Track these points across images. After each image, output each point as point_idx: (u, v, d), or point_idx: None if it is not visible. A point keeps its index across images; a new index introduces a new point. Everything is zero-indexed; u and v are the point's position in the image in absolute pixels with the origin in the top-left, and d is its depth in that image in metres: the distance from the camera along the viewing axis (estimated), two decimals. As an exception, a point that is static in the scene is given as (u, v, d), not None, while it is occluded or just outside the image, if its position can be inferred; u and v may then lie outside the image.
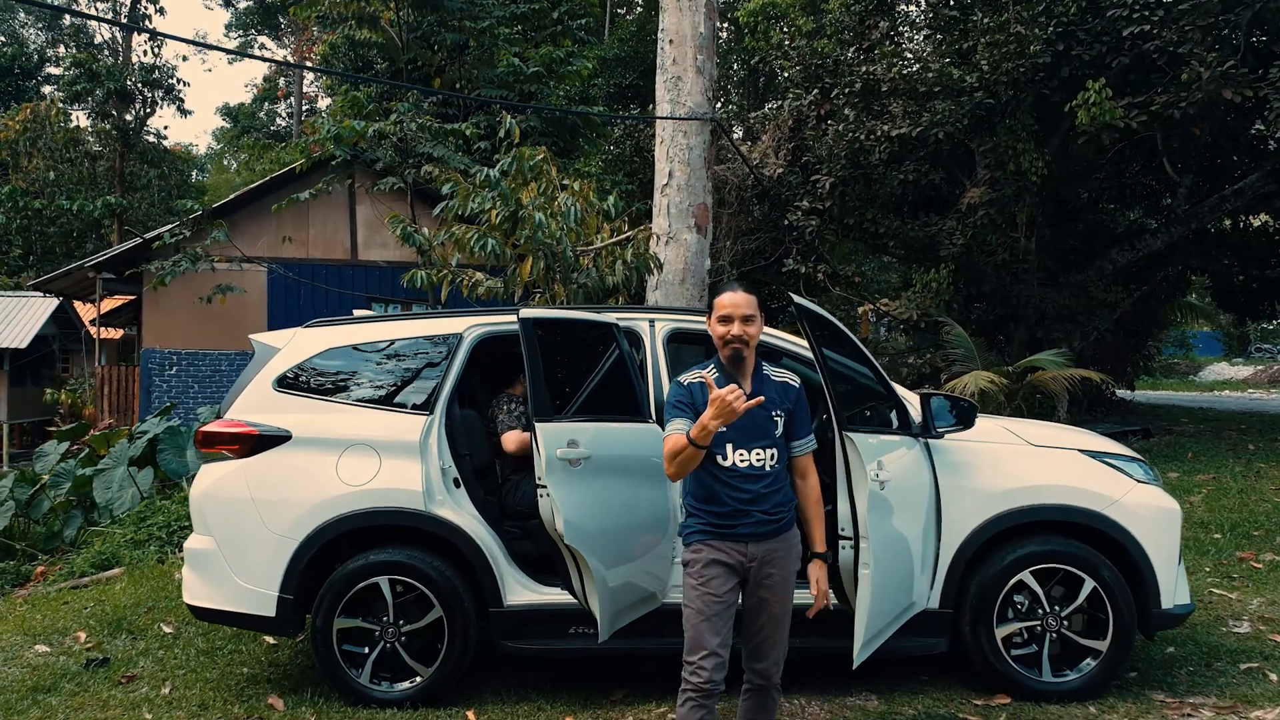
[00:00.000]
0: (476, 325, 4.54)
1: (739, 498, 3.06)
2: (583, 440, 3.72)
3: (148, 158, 35.65)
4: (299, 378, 4.48)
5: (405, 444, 4.32)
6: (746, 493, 3.06)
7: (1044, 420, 7.65)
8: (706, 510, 3.11)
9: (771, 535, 3.10)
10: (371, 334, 4.59)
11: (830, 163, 13.40)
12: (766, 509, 3.08)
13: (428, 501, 4.27)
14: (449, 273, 8.15)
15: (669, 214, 8.44)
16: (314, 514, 4.26)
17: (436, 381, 4.44)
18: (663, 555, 4.14)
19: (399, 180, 12.02)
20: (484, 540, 4.30)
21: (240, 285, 14.23)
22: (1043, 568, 4.24)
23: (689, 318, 4.61)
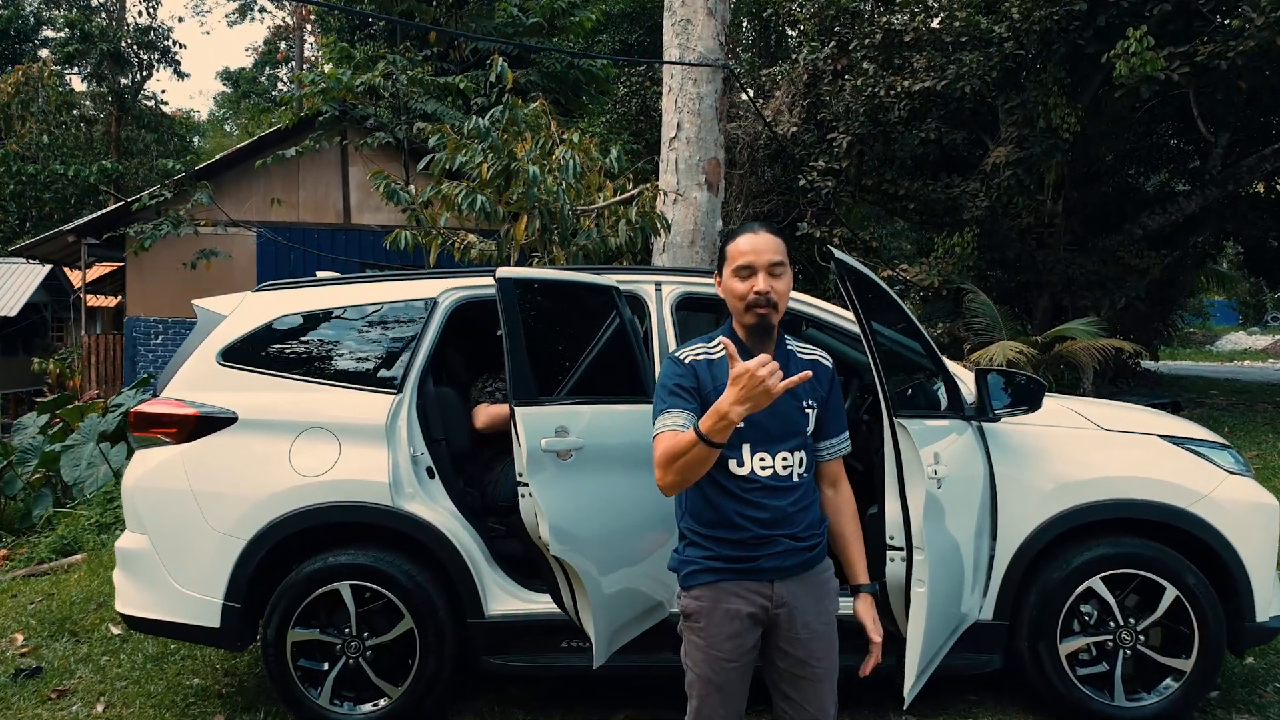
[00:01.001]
0: (454, 289, 3.90)
1: (760, 519, 2.25)
2: (574, 427, 3.09)
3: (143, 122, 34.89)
4: (247, 349, 3.84)
5: (369, 427, 3.70)
6: (770, 511, 2.25)
7: (1069, 395, 7.00)
8: (714, 538, 2.28)
9: (803, 569, 2.31)
10: (332, 299, 3.94)
11: (848, 120, 12.65)
12: (796, 533, 2.28)
13: (395, 495, 3.65)
14: (437, 234, 7.50)
15: (677, 170, 7.76)
16: (264, 509, 3.65)
17: (407, 354, 3.80)
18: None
19: (389, 136, 11.31)
20: (462, 540, 3.68)
21: (227, 250, 13.56)
22: (1116, 573, 3.62)
23: (702, 280, 3.96)
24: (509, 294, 3.06)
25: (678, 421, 2.20)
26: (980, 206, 12.37)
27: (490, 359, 4.38)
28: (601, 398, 3.30)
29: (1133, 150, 15.03)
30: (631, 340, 3.51)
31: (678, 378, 2.29)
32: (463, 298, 3.89)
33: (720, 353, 2.32)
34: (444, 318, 3.86)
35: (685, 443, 2.09)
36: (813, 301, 3.89)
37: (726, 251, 2.35)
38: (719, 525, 2.29)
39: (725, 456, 2.25)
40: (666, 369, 2.34)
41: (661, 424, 2.22)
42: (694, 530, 2.34)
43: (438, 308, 3.85)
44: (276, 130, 14.68)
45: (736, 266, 2.30)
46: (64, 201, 31.59)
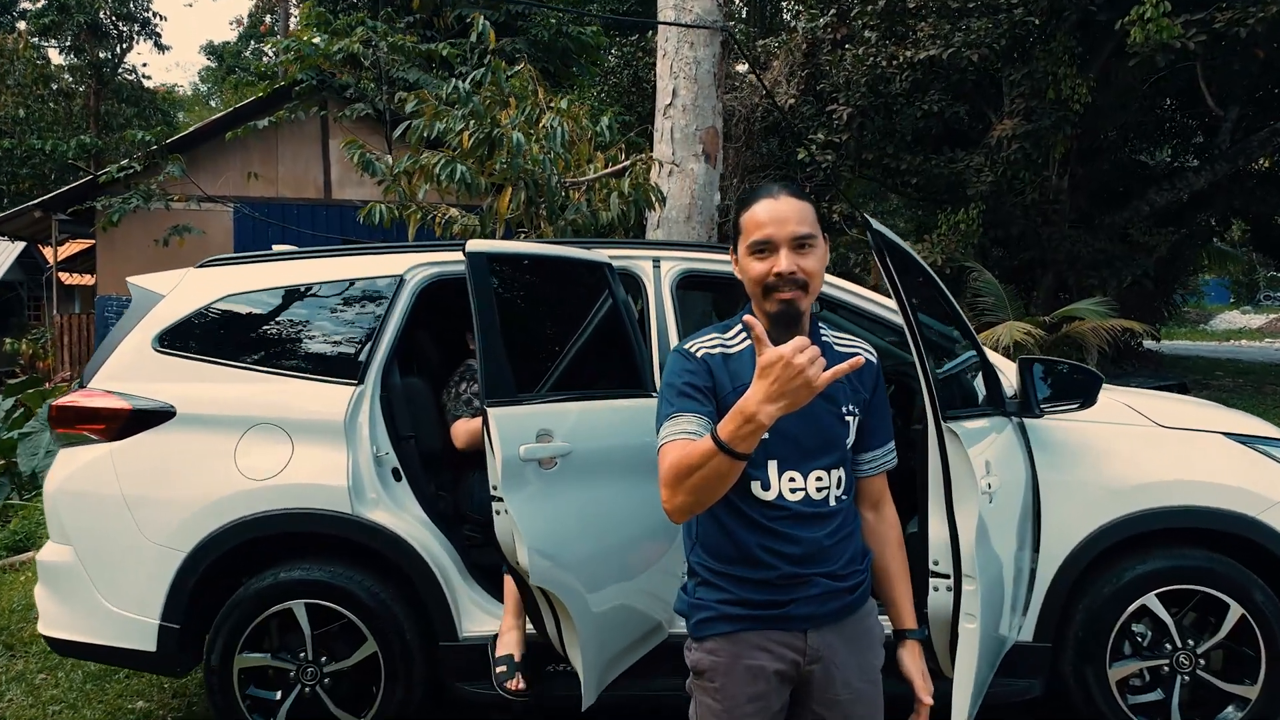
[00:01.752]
0: (423, 265, 3.43)
1: (790, 554, 1.81)
2: (559, 429, 2.64)
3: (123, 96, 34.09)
4: (188, 334, 3.37)
5: (325, 424, 3.24)
6: (802, 545, 1.81)
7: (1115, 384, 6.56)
8: (734, 577, 1.83)
9: (843, 614, 1.87)
10: (285, 276, 3.47)
11: (848, 91, 12.15)
12: (835, 570, 1.84)
13: (356, 501, 3.20)
14: (417, 208, 7.00)
15: (672, 139, 7.27)
16: (205, 517, 3.19)
17: (370, 340, 3.34)
18: (670, 571, 3.10)
19: (368, 107, 10.77)
20: (433, 552, 3.24)
21: (202, 226, 13.02)
22: (1173, 589, 3.19)
23: (706, 255, 3.50)
24: (481, 271, 2.59)
25: (689, 429, 1.73)
26: (985, 182, 11.91)
27: (468, 347, 3.92)
28: (592, 393, 2.86)
29: (1138, 125, 14.59)
30: (626, 325, 3.06)
31: (688, 375, 1.82)
32: (433, 275, 3.43)
33: (740, 345, 1.86)
34: (412, 298, 3.39)
35: (700, 454, 1.61)
36: (827, 279, 3.43)
37: (741, 223, 1.86)
38: (739, 562, 1.83)
39: (747, 477, 1.78)
40: (674, 365, 1.87)
41: (669, 432, 1.75)
42: (708, 567, 1.87)
43: (405, 287, 3.39)
44: (253, 101, 14.12)
45: (753, 242, 1.82)
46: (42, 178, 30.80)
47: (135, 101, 34.79)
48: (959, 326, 2.98)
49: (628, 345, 3.05)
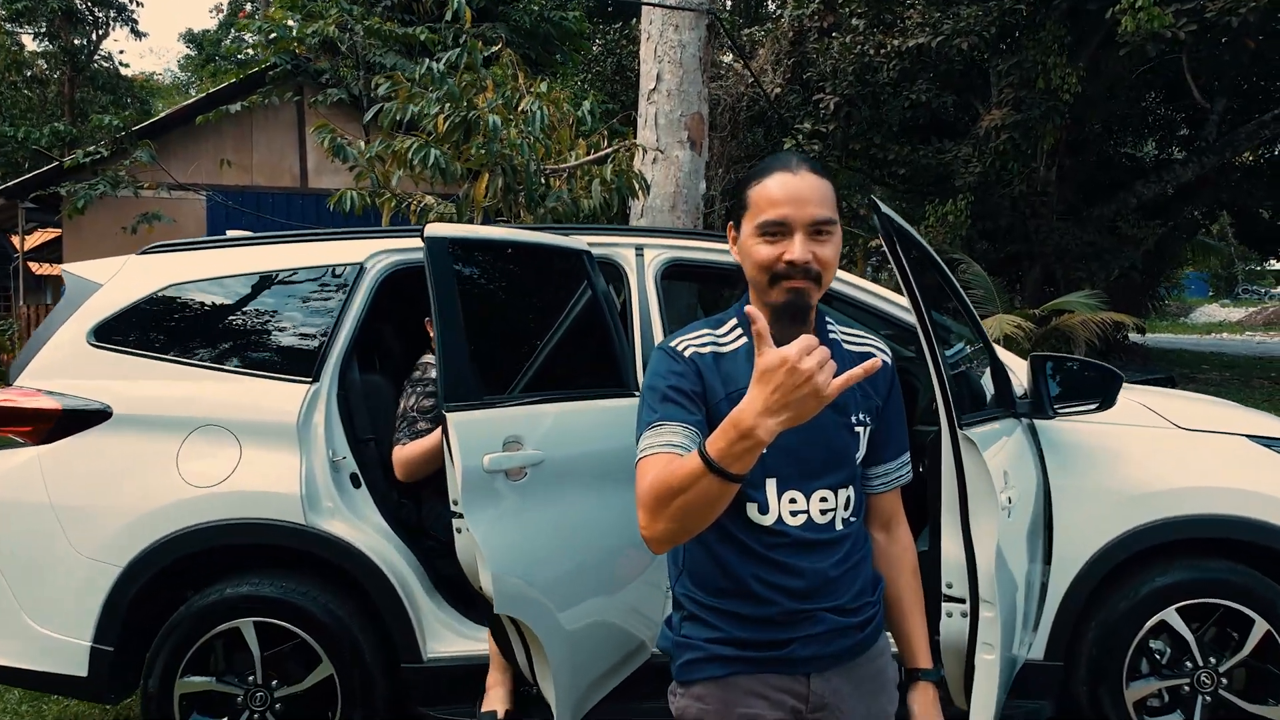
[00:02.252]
0: (386, 252, 3.15)
1: (792, 588, 1.55)
2: (531, 435, 2.38)
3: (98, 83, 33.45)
4: (127, 327, 3.08)
5: (276, 425, 2.96)
6: (805, 577, 1.55)
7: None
8: (726, 613, 1.57)
9: (852, 654, 1.61)
10: (234, 264, 3.18)
11: (835, 80, 11.91)
12: (843, 604, 1.58)
13: (310, 510, 2.92)
14: (391, 195, 6.70)
15: (657, 125, 7.02)
16: (143, 528, 2.91)
17: (327, 334, 3.06)
18: (655, 584, 2.85)
19: (343, 92, 10.44)
20: (394, 565, 2.97)
21: (174, 215, 12.67)
22: (1194, 603, 2.97)
23: (693, 243, 3.24)
24: (441, 259, 2.33)
25: (674, 441, 1.45)
26: (973, 173, 11.71)
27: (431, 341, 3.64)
28: (567, 394, 2.59)
29: (1123, 118, 14.43)
30: (606, 319, 2.80)
31: (674, 378, 1.55)
32: (397, 263, 3.15)
33: (734, 343, 1.60)
34: (373, 288, 3.11)
35: (686, 474, 1.34)
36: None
37: (749, 197, 1.58)
38: (733, 595, 1.56)
39: (742, 498, 1.52)
40: (657, 364, 1.60)
41: (650, 444, 1.47)
42: (696, 600, 1.59)
43: (365, 275, 3.11)
44: (226, 86, 13.73)
45: (763, 222, 1.53)
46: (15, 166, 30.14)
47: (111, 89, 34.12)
48: (968, 320, 2.74)
49: (607, 340, 2.79)
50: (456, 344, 2.28)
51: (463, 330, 2.31)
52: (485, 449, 2.26)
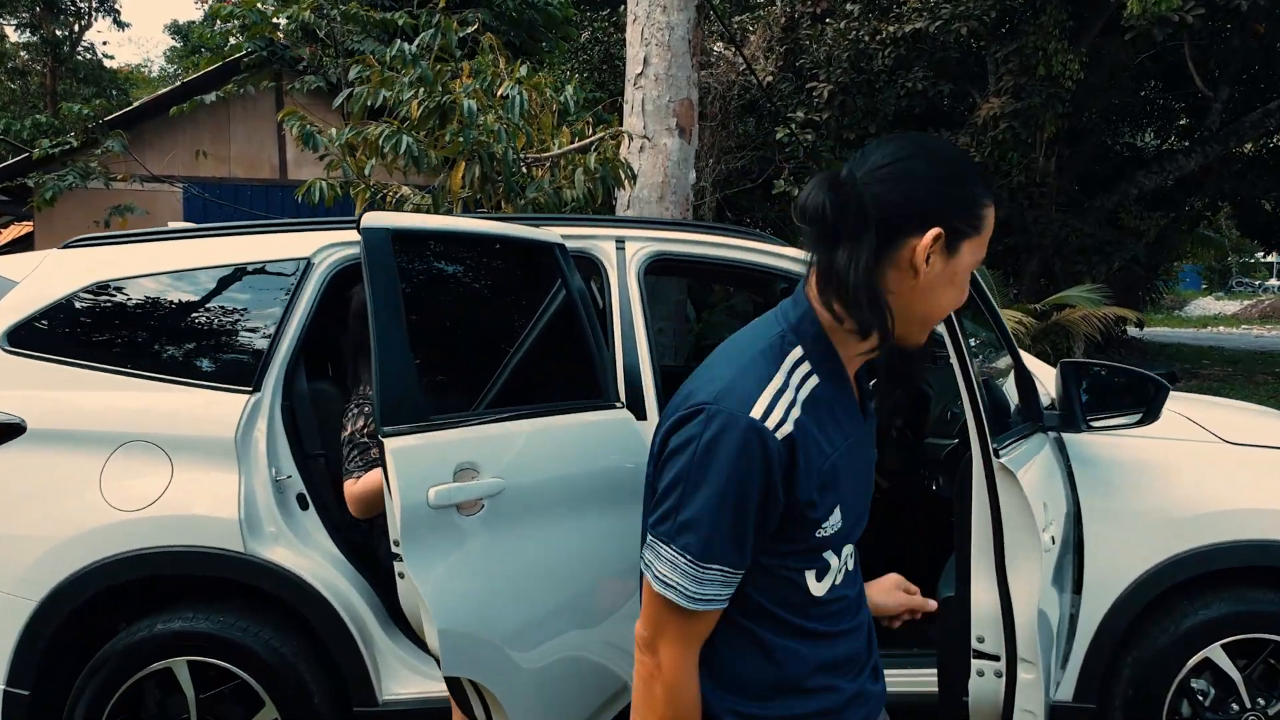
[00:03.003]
0: (336, 246, 2.81)
1: (855, 656, 1.26)
2: (488, 461, 2.04)
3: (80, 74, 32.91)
4: (45, 330, 2.74)
5: (213, 441, 2.63)
6: (858, 638, 1.27)
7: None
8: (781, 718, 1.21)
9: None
10: (169, 259, 2.83)
11: (829, 68, 11.58)
12: (877, 662, 1.31)
13: (250, 536, 2.59)
14: (365, 186, 6.35)
15: (644, 112, 6.68)
16: (62, 557, 2.57)
17: (270, 338, 2.72)
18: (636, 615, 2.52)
19: (320, 79, 10.07)
20: (346, 597, 2.64)
21: (149, 207, 12.23)
22: (1241, 639, 2.66)
23: (680, 235, 2.91)
24: (380, 254, 1.98)
25: (718, 597, 1.13)
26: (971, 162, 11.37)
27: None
28: (531, 409, 2.26)
29: (1121, 107, 14.14)
30: (583, 322, 2.47)
31: (760, 477, 1.10)
32: (350, 258, 2.81)
33: (809, 381, 1.16)
34: (322, 285, 2.78)
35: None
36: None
37: (984, 216, 1.18)
38: (791, 693, 1.21)
39: (802, 565, 1.18)
40: (736, 448, 1.10)
41: (696, 592, 1.11)
42: (739, 710, 1.20)
43: (313, 272, 2.77)
44: (201, 75, 13.33)
45: (972, 262, 1.16)
46: (-2, 159, 29.64)
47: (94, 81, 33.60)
48: (991, 322, 2.42)
49: (583, 346, 2.46)
50: (397, 356, 1.95)
51: (405, 340, 1.97)
52: (431, 479, 1.92)
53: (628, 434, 2.50)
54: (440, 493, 1.92)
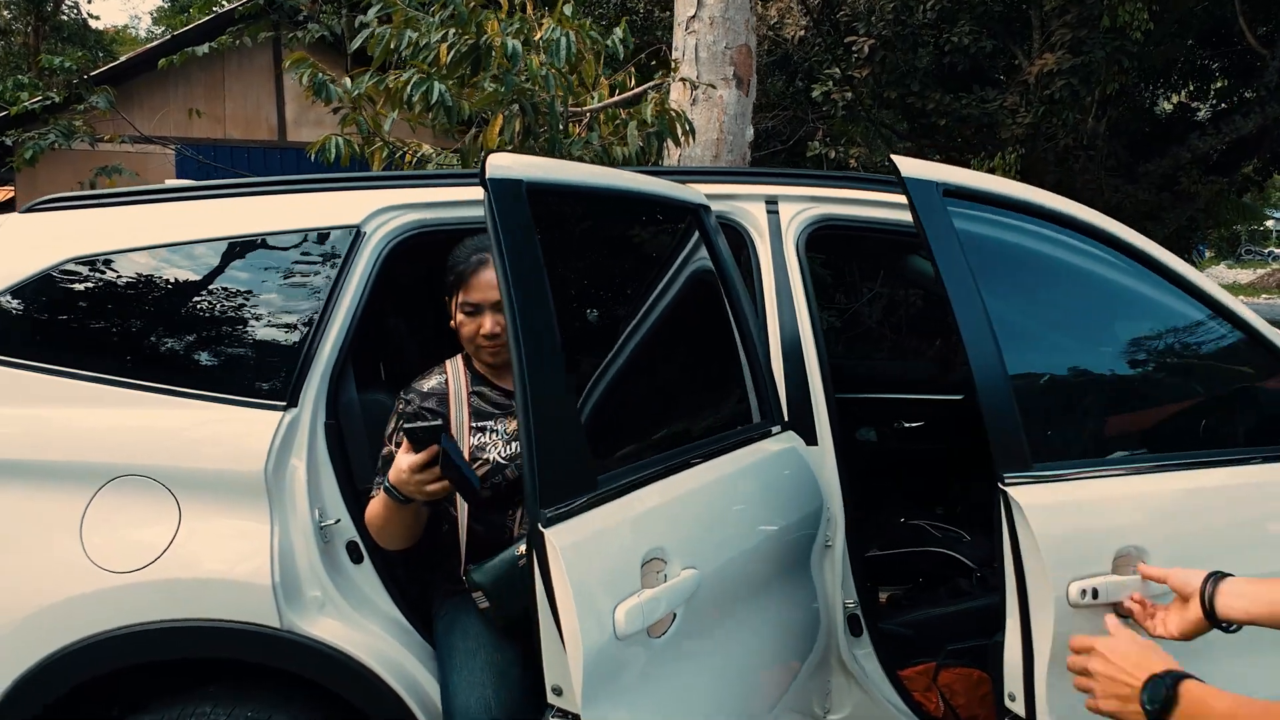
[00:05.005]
0: (393, 210, 2.10)
1: None
2: (675, 541, 1.35)
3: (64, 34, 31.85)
4: (4, 324, 2.03)
5: (233, 475, 1.93)
6: None
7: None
8: None
9: None
10: (169, 228, 2.11)
11: (870, 20, 10.77)
12: None
13: (287, 605, 1.90)
14: (382, 143, 5.61)
15: (697, 59, 5.94)
16: (28, 638, 1.89)
17: (308, 333, 2.02)
18: (823, 665, 1.87)
19: (323, 28, 9.25)
20: (412, 678, 1.96)
21: (137, 169, 11.42)
22: None
23: (852, 194, 2.19)
24: (517, 222, 1.28)
25: None
26: (1021, 124, 10.65)
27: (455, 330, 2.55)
28: (697, 447, 1.56)
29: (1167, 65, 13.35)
30: (744, 320, 1.77)
31: None
32: (409, 226, 2.10)
33: None
34: (376, 262, 2.06)
35: None
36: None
37: None
38: None
39: None
40: None
41: None
42: None
43: (364, 244, 2.06)
44: (194, 26, 12.48)
45: None
46: (-21, 120, 28.70)
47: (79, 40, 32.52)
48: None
49: (750, 354, 1.76)
50: (551, 382, 1.24)
51: (559, 354, 1.27)
52: (617, 590, 1.22)
53: (799, 468, 1.81)
54: (633, 611, 1.22)
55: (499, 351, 1.96)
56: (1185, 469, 1.87)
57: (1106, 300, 2.14)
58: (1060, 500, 1.67)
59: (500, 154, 1.38)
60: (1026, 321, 2.03)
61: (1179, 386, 2.14)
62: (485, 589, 1.84)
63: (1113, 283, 2.12)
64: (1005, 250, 2.01)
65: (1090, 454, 1.94)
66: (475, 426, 2.01)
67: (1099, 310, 2.13)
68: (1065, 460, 1.79)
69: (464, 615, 1.99)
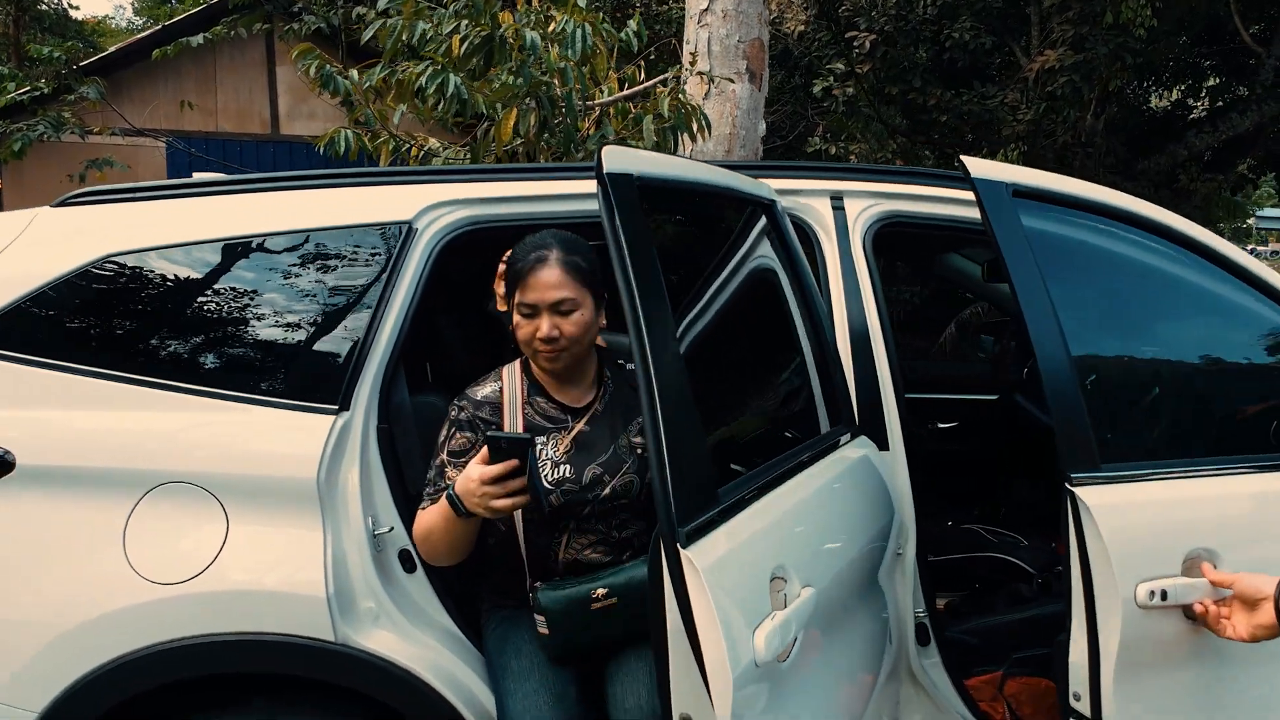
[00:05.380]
0: (447, 206, 2.02)
1: None
2: (792, 557, 1.28)
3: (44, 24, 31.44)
4: (38, 323, 1.94)
5: (285, 482, 1.85)
6: None
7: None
8: None
9: None
10: (211, 224, 2.03)
11: (871, 15, 10.71)
12: None
13: (341, 617, 1.82)
14: (389, 136, 5.51)
15: (709, 53, 5.86)
16: (72, 651, 1.80)
17: (360, 335, 1.93)
18: (894, 676, 1.81)
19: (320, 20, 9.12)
20: (468, 691, 1.88)
21: (128, 161, 11.28)
22: None
23: (920, 189, 2.12)
24: (632, 217, 1.21)
25: None
26: (1022, 120, 10.63)
27: (490, 346, 2.47)
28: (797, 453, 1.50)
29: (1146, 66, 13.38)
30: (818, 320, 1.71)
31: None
32: (462, 222, 2.02)
33: None
34: (428, 260, 1.98)
35: None
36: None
37: None
38: None
39: None
40: None
41: None
42: None
43: (416, 240, 1.98)
44: (186, 17, 12.31)
45: None
46: (-39, 112, 28.28)
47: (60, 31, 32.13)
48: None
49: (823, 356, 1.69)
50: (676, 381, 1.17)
51: (678, 350, 1.20)
52: (753, 614, 1.15)
53: (877, 476, 1.75)
54: (770, 636, 1.14)
55: (557, 356, 1.86)
56: (1257, 472, 1.83)
57: (1176, 299, 2.09)
58: (1129, 501, 1.64)
59: (613, 148, 1.31)
60: (1095, 320, 1.97)
61: (1250, 387, 2.09)
62: (550, 616, 1.78)
63: (1183, 281, 2.07)
64: (1073, 249, 1.95)
65: (1159, 455, 1.89)
66: None
67: (1169, 309, 2.08)
68: (1134, 461, 1.75)
69: (514, 632, 1.91)
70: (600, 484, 1.86)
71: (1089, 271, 2.01)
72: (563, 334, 1.82)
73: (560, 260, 1.81)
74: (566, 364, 1.88)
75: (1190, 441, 1.99)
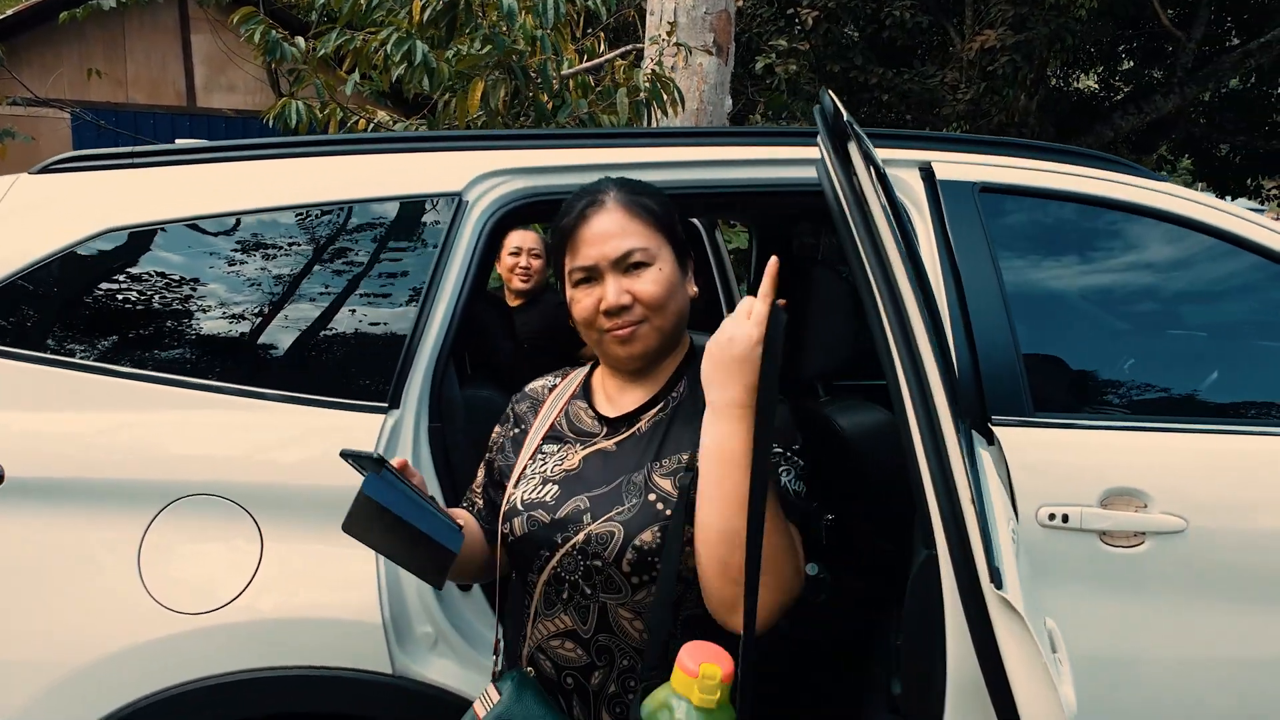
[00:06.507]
0: (497, 176, 1.78)
1: None
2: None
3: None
4: (24, 310, 1.64)
5: (327, 492, 1.60)
6: None
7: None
8: None
9: None
10: (229, 193, 1.75)
11: (814, -9, 10.64)
12: None
13: (398, 645, 1.60)
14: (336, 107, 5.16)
15: (675, 25, 5.68)
16: (79, 694, 1.53)
17: (406, 324, 1.69)
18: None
19: (249, -14, 8.57)
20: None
21: (30, 133, 10.52)
22: None
23: (1004, 161, 1.95)
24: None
25: None
26: (962, 99, 10.70)
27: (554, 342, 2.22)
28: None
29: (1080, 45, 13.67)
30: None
31: None
32: (517, 195, 1.79)
33: None
34: (479, 237, 1.74)
35: None
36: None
37: None
38: None
39: None
40: None
41: None
42: None
43: (468, 214, 1.74)
44: (92, -19, 11.48)
45: None
46: None
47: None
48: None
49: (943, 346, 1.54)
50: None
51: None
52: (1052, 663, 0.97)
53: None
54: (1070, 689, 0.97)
55: (632, 335, 1.30)
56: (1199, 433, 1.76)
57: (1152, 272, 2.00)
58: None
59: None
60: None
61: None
62: None
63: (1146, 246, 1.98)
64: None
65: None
66: (539, 448, 1.40)
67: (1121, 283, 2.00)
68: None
69: None
70: (576, 524, 1.27)
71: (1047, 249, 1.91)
72: (637, 298, 1.30)
73: (622, 201, 1.33)
74: (649, 347, 1.33)
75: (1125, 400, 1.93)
